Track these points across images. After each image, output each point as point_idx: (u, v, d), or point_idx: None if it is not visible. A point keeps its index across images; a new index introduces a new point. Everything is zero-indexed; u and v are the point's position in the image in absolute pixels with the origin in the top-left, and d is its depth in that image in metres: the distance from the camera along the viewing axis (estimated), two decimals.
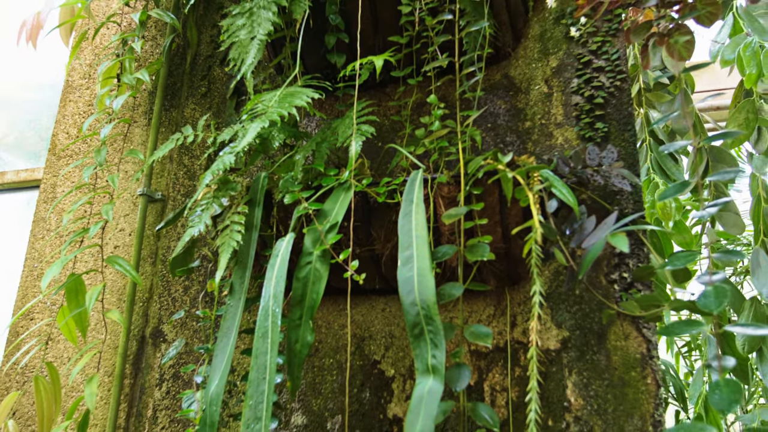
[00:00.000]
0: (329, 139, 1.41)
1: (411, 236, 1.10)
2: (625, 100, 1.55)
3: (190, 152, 1.88)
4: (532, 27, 1.68)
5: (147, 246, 1.82)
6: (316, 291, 1.17)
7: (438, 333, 1.00)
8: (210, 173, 1.30)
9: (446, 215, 1.14)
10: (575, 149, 1.52)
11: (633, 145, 1.51)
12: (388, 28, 1.52)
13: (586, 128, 1.54)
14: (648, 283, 1.40)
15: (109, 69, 1.67)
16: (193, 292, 1.73)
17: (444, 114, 1.32)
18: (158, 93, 1.90)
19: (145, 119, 1.96)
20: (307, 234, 1.23)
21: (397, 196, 1.29)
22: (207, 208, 1.34)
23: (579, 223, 1.27)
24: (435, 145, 1.33)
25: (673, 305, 1.14)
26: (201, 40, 2.00)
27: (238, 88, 1.87)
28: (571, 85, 1.60)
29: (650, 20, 1.24)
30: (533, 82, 1.63)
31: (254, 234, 1.33)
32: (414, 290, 1.03)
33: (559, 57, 1.63)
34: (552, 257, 1.45)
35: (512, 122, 1.61)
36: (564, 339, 1.41)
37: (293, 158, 1.42)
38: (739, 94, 2.35)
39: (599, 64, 1.59)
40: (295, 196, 1.29)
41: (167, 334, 1.71)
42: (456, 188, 1.29)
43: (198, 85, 1.95)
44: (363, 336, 1.55)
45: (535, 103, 1.61)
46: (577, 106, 1.57)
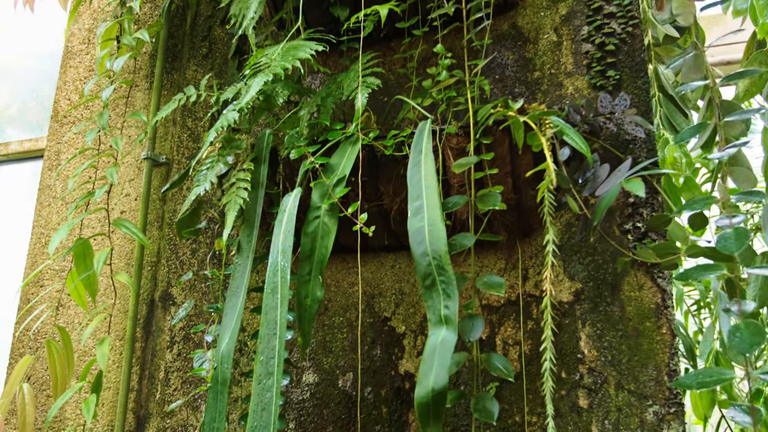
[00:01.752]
0: (334, 94, 1.37)
1: (420, 186, 1.08)
2: (637, 47, 1.51)
3: (193, 114, 1.85)
4: None
5: (153, 210, 1.81)
6: (325, 245, 1.15)
7: (450, 283, 0.99)
8: (213, 131, 1.28)
9: (456, 164, 1.11)
10: (586, 98, 1.49)
11: (646, 92, 1.47)
12: None
13: (597, 76, 1.50)
14: (662, 233, 1.38)
15: (108, 30, 1.63)
16: (201, 254, 1.72)
17: (451, 64, 1.29)
18: (159, 55, 1.87)
19: (147, 83, 1.93)
20: (315, 188, 1.20)
21: (405, 149, 1.26)
22: (212, 167, 1.32)
23: (592, 172, 1.24)
24: (443, 96, 1.30)
25: (690, 251, 1.12)
26: (200, 0, 1.96)
27: (240, 47, 1.83)
28: (581, 33, 1.55)
29: None
30: (542, 31, 1.58)
31: (260, 192, 1.31)
32: (425, 240, 1.01)
33: (569, 4, 1.58)
34: (564, 207, 1.42)
35: (521, 73, 1.57)
36: (577, 291, 1.39)
37: (298, 114, 1.39)
38: (751, 46, 2.29)
39: (610, 10, 1.54)
40: (301, 151, 1.26)
41: (176, 296, 1.71)
42: (465, 139, 1.26)
43: (199, 46, 1.91)
44: (373, 293, 1.54)
45: (544, 53, 1.56)
46: (588, 54, 1.53)
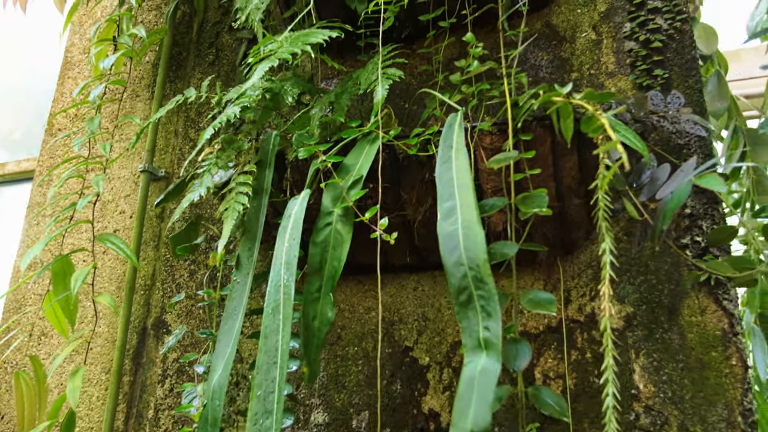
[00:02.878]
0: (350, 90, 1.22)
1: (452, 185, 0.91)
2: (687, 43, 1.35)
3: (196, 125, 1.70)
4: None
5: (149, 228, 1.64)
6: (337, 257, 0.98)
7: (491, 298, 0.80)
8: (211, 128, 1.12)
9: (494, 160, 0.94)
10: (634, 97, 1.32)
11: (699, 92, 1.31)
12: None
13: (642, 76, 1.34)
14: (726, 248, 1.19)
15: (105, 30, 1.50)
16: (200, 276, 1.54)
17: (483, 55, 1.13)
18: (162, 63, 1.73)
19: (149, 92, 1.80)
20: (326, 190, 1.04)
21: (432, 148, 1.09)
22: (209, 170, 1.16)
23: (649, 173, 1.06)
24: (474, 90, 1.14)
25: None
26: (208, 6, 1.84)
27: (247, 53, 1.70)
28: (623, 30, 1.40)
29: None
30: (579, 29, 1.43)
31: (264, 199, 1.15)
32: (459, 246, 0.84)
33: (609, 1, 1.43)
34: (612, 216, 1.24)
35: (556, 74, 1.41)
36: (628, 315, 1.20)
37: (309, 113, 1.23)
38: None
39: (655, 5, 1.39)
40: (311, 149, 1.10)
41: (171, 324, 1.53)
42: (500, 137, 1.09)
43: (205, 53, 1.78)
44: (392, 320, 1.35)
45: (582, 52, 1.41)
46: (632, 53, 1.37)
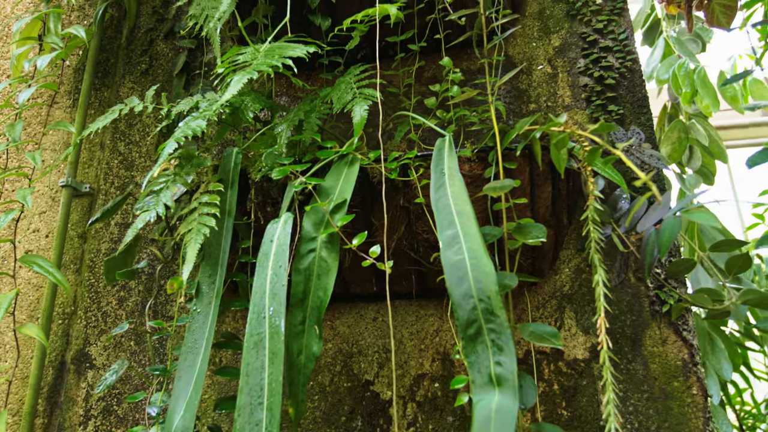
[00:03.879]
0: (319, 109, 1.15)
1: (451, 213, 0.87)
2: (637, 82, 1.41)
3: (127, 137, 1.55)
4: (530, 4, 1.52)
5: (70, 249, 1.47)
6: (322, 287, 0.90)
7: (503, 332, 0.77)
8: (173, 141, 1.01)
9: (489, 188, 0.91)
10: None
11: (651, 128, 1.37)
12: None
13: (598, 111, 1.38)
14: (682, 280, 1.24)
15: (28, 27, 1.33)
16: (131, 304, 1.39)
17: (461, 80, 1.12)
18: (87, 68, 1.57)
19: (70, 100, 1.62)
20: (308, 214, 0.96)
21: (412, 173, 1.05)
22: (167, 187, 1.04)
23: (625, 204, 1.08)
24: (452, 115, 1.11)
25: (746, 297, 0.97)
26: (141, 11, 1.70)
27: (189, 63, 1.58)
28: (577, 66, 1.44)
29: None
30: (535, 61, 1.46)
31: (228, 222, 1.05)
32: (467, 277, 0.80)
33: (562, 36, 1.47)
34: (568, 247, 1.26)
35: (515, 104, 1.42)
36: (593, 346, 1.21)
37: (273, 131, 1.15)
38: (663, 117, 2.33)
39: (606, 43, 1.44)
40: (285, 170, 1.02)
41: (95, 357, 1.37)
42: (480, 165, 1.07)
43: (137, 61, 1.64)
44: (350, 352, 1.28)
45: (539, 84, 1.43)
46: (587, 88, 1.41)
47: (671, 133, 2.40)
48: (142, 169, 1.51)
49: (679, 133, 2.38)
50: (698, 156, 2.34)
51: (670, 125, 2.26)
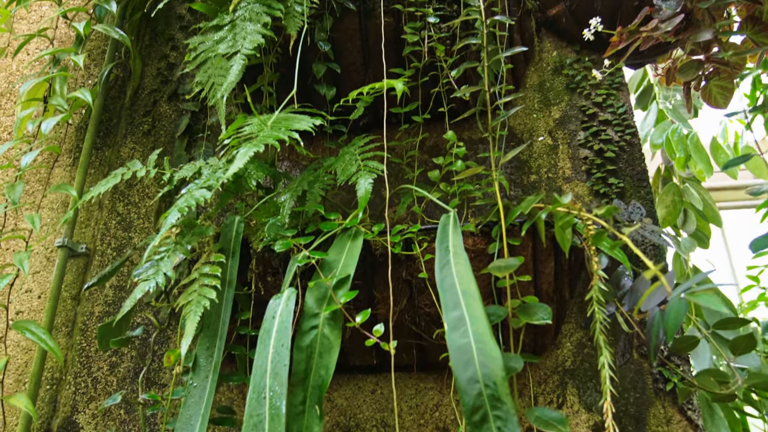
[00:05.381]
0: (322, 179, 1.16)
1: (456, 293, 0.86)
2: (636, 155, 1.43)
3: (126, 198, 1.55)
4: (530, 77, 1.55)
5: (62, 311, 1.44)
6: (324, 365, 0.88)
7: (509, 419, 0.75)
8: (176, 211, 1.01)
9: (494, 266, 0.91)
10: (590, 204, 1.37)
11: (651, 202, 1.38)
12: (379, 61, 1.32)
13: (599, 183, 1.39)
14: (685, 357, 1.23)
15: (34, 88, 1.34)
16: (123, 370, 1.36)
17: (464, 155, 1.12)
18: (90, 128, 1.58)
19: (70, 158, 1.62)
20: (311, 290, 0.95)
21: (415, 247, 1.05)
22: (167, 257, 1.03)
23: (627, 281, 1.08)
24: (456, 189, 1.12)
25: (753, 380, 0.95)
26: (145, 73, 1.72)
27: (191, 126, 1.59)
28: (577, 138, 1.46)
29: (699, 59, 1.13)
30: (536, 133, 1.48)
31: (228, 293, 1.04)
32: (473, 361, 0.78)
33: (562, 108, 1.50)
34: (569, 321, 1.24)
35: (515, 175, 1.43)
36: (596, 425, 1.18)
37: (276, 200, 1.15)
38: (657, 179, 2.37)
39: (605, 117, 1.47)
40: (288, 243, 1.01)
41: (83, 426, 1.32)
42: (483, 240, 1.07)
43: (140, 122, 1.65)
44: (347, 425, 1.25)
45: (540, 156, 1.45)
46: (587, 160, 1.43)
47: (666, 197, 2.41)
48: (140, 230, 1.50)
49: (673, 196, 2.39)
50: (693, 220, 2.35)
51: (665, 188, 2.28)
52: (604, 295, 1.02)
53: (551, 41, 1.58)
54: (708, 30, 1.09)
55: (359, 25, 1.35)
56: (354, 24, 1.35)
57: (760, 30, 1.19)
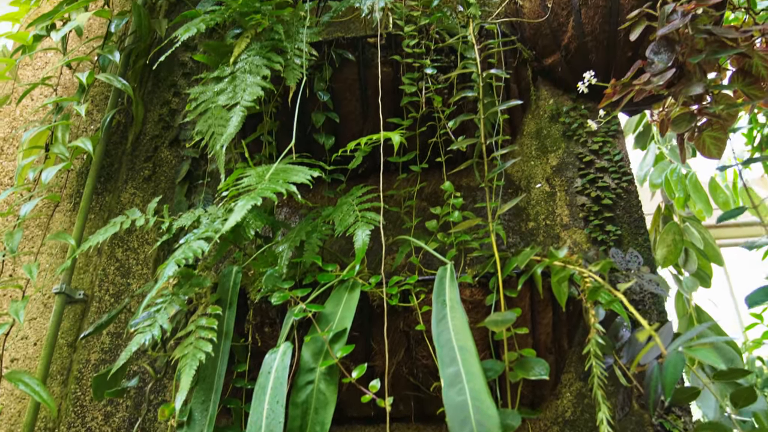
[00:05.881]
0: (320, 229, 1.16)
1: (453, 349, 0.86)
2: (633, 203, 1.44)
3: (125, 244, 1.55)
4: (527, 124, 1.57)
5: (58, 359, 1.43)
6: (320, 422, 0.87)
7: None
8: (174, 263, 1.01)
9: (491, 321, 0.90)
10: (588, 252, 1.37)
11: (648, 249, 1.38)
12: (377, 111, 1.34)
13: (596, 231, 1.40)
14: (686, 408, 1.21)
15: (36, 137, 1.36)
16: (118, 420, 1.34)
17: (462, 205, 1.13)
18: (91, 173, 1.60)
19: (71, 203, 1.63)
20: (307, 344, 0.94)
21: (413, 299, 1.05)
22: (164, 308, 1.03)
23: (626, 333, 1.07)
24: (452, 240, 1.12)
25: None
26: (147, 119, 1.75)
27: (192, 172, 1.61)
28: (575, 185, 1.47)
29: (692, 111, 1.14)
30: (533, 180, 1.49)
31: (225, 345, 1.03)
32: (470, 420, 0.77)
33: (559, 155, 1.51)
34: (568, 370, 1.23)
35: (514, 222, 1.44)
36: None
37: (274, 250, 1.15)
38: (657, 217, 2.38)
39: (602, 164, 1.48)
40: (286, 295, 1.01)
41: None
42: (480, 291, 1.07)
43: (141, 167, 1.67)
44: None
45: (538, 203, 1.46)
46: (584, 207, 1.43)
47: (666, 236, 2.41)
48: (139, 276, 1.50)
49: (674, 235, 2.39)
50: (694, 259, 2.34)
51: (665, 228, 2.28)
52: (601, 349, 1.01)
53: (548, 89, 1.61)
54: (699, 84, 1.11)
55: (358, 75, 1.37)
56: (353, 74, 1.37)
57: (750, 83, 1.21)
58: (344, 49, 1.37)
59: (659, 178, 2.66)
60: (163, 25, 1.74)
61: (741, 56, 1.18)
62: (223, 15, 1.25)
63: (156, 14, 1.91)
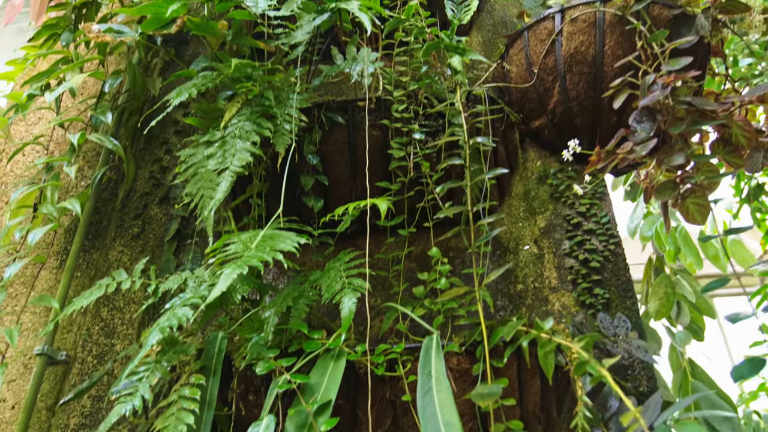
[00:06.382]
0: (307, 295, 1.16)
1: (437, 423, 0.84)
2: (621, 266, 1.44)
3: (111, 303, 1.54)
4: (515, 185, 1.59)
5: (36, 423, 1.39)
6: None
7: None
8: (158, 330, 1.00)
9: (477, 394, 0.89)
10: (576, 316, 1.36)
11: (636, 313, 1.38)
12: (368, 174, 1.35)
13: (584, 294, 1.40)
14: None
15: (25, 197, 1.36)
16: None
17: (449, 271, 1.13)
18: (78, 231, 1.59)
19: (57, 260, 1.62)
20: (291, 417, 0.93)
21: (399, 368, 1.03)
22: (146, 377, 1.01)
23: (614, 403, 1.06)
24: (440, 307, 1.12)
25: None
26: (138, 176, 1.75)
27: (180, 230, 1.61)
28: (562, 247, 1.48)
29: (674, 179, 1.16)
30: (522, 241, 1.50)
31: (208, 415, 1.01)
32: None
33: (547, 217, 1.53)
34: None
35: (502, 284, 1.44)
36: None
37: (260, 315, 1.14)
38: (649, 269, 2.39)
39: (590, 226, 1.49)
40: (271, 365, 1.00)
41: None
42: (467, 359, 1.06)
43: (130, 224, 1.67)
44: None
45: (526, 265, 1.46)
46: (572, 270, 1.44)
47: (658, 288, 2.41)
48: (124, 337, 1.48)
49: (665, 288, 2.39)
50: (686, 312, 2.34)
51: (657, 280, 2.28)
52: (589, 422, 1.00)
53: (535, 151, 1.63)
54: (681, 154, 1.13)
55: (348, 137, 1.39)
56: (343, 137, 1.39)
57: (731, 151, 1.23)
58: (334, 112, 1.39)
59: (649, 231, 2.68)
60: (157, 83, 1.77)
61: (721, 127, 1.21)
62: (215, 81, 1.28)
63: (150, 72, 1.94)
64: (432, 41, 1.37)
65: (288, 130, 1.22)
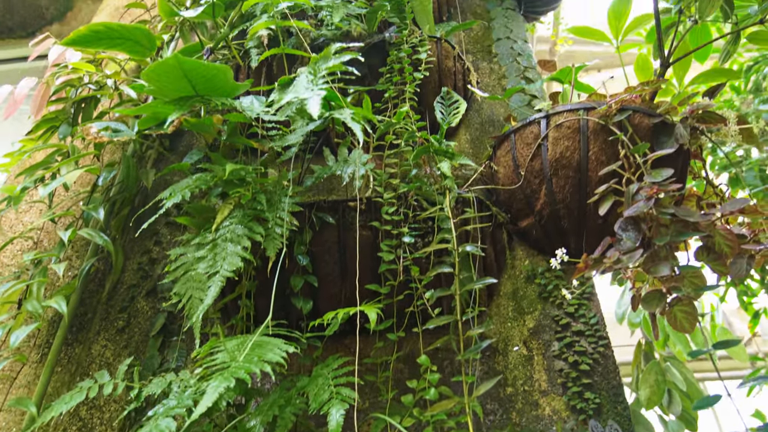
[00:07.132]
0: (294, 402, 1.13)
1: None
2: (611, 368, 1.43)
3: (90, 401, 1.49)
4: (504, 284, 1.60)
5: None
6: None
7: None
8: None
9: None
10: (566, 422, 1.34)
11: (627, 419, 1.36)
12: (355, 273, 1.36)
13: (575, 398, 1.38)
14: None
15: (10, 295, 1.35)
16: None
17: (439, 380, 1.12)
18: (62, 325, 1.57)
19: (38, 354, 1.59)
20: None
21: None
22: None
23: None
24: (429, 419, 1.10)
25: None
26: (126, 267, 1.75)
27: (167, 325, 1.59)
28: (552, 349, 1.47)
29: (661, 289, 1.17)
30: (511, 342, 1.49)
31: None
32: None
33: (536, 317, 1.53)
34: None
35: (492, 388, 1.42)
36: None
37: (245, 424, 1.11)
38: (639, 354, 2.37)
39: (578, 327, 1.49)
40: None
41: None
42: None
43: (115, 317, 1.64)
44: None
45: (516, 366, 1.45)
46: (562, 373, 1.43)
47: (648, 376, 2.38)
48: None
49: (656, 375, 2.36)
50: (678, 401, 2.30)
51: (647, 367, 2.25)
52: None
53: (523, 249, 1.65)
54: (666, 264, 1.15)
55: (338, 237, 1.40)
56: (333, 237, 1.40)
57: (715, 258, 1.25)
58: (325, 212, 1.41)
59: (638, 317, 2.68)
60: (150, 176, 1.79)
61: (704, 237, 1.24)
62: (209, 183, 1.30)
63: (144, 163, 1.97)
64: (422, 146, 1.41)
65: (279, 234, 1.24)
